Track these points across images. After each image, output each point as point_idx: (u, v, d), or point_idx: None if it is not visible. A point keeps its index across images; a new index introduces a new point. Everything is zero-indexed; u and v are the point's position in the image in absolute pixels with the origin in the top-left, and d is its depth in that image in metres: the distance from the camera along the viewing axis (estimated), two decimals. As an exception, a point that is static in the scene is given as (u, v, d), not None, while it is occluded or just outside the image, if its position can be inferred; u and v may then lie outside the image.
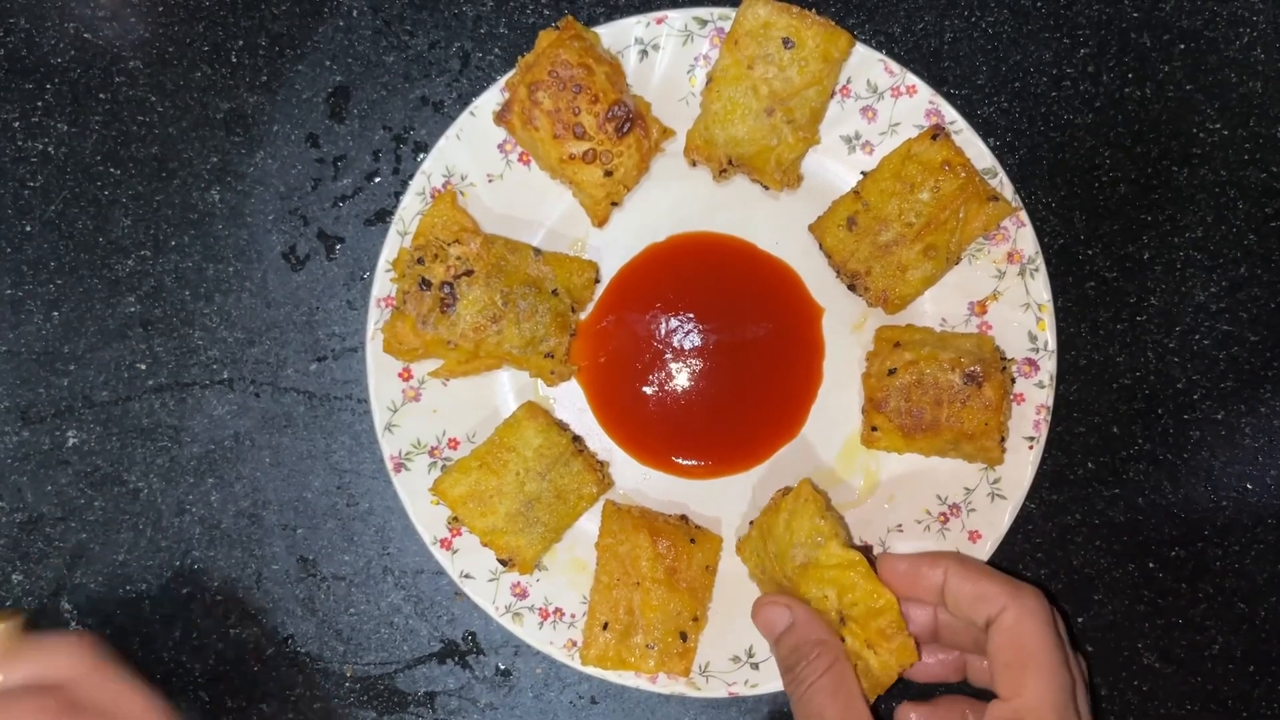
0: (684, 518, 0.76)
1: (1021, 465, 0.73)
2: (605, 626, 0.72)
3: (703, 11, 0.74)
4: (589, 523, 0.75)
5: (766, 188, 0.75)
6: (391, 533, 0.78)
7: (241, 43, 0.78)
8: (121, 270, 0.78)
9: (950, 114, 0.74)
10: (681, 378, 0.77)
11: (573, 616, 0.74)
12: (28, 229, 0.78)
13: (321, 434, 0.77)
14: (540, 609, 0.74)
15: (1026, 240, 0.73)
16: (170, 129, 0.78)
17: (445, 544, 0.73)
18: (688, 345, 0.77)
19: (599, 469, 0.75)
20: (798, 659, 0.60)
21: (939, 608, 0.64)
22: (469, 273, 0.71)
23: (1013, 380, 0.73)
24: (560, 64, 0.70)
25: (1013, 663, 0.56)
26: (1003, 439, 0.72)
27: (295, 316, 0.78)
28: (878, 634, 0.60)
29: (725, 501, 0.77)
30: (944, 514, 0.74)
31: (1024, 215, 0.73)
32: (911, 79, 0.74)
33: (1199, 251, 0.78)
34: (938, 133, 0.72)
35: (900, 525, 0.75)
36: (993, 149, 0.74)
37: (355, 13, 0.79)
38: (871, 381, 0.73)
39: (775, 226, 0.77)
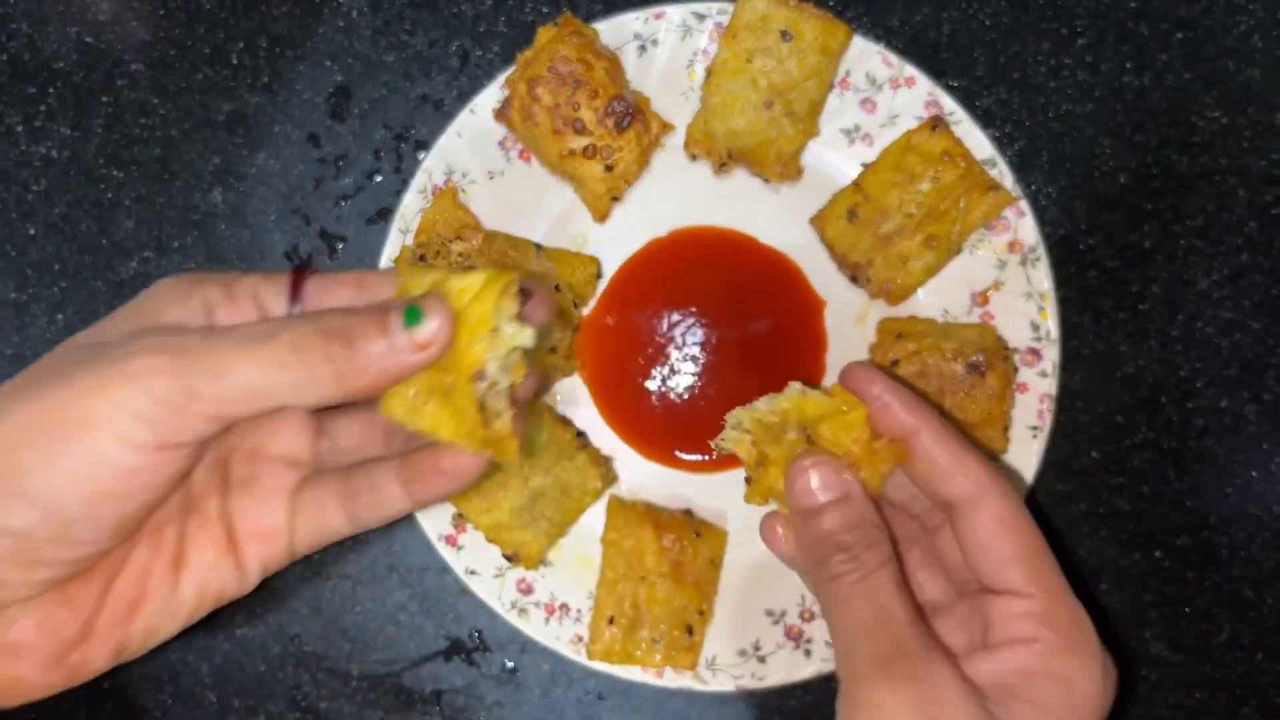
0: (689, 512, 0.76)
1: (1026, 454, 0.73)
2: (611, 621, 0.72)
3: (701, 6, 0.74)
4: (594, 518, 0.75)
5: (767, 181, 0.76)
6: (396, 531, 0.78)
7: (242, 44, 0.79)
8: (125, 272, 0.78)
9: (949, 105, 0.74)
10: (684, 372, 0.77)
11: (579, 612, 0.74)
12: (31, 232, 0.78)
13: (326, 433, 0.77)
14: (546, 604, 0.74)
15: (1027, 230, 0.73)
16: (172, 131, 0.78)
17: (450, 541, 0.73)
18: (690, 339, 0.77)
19: (603, 464, 0.75)
20: (856, 541, 0.48)
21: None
22: (471, 269, 0.71)
23: (1016, 370, 0.73)
24: (559, 60, 0.70)
25: (1020, 557, 0.47)
26: (1006, 428, 0.72)
27: (298, 316, 0.78)
28: (856, 445, 0.50)
29: (730, 496, 0.76)
30: (949, 505, 0.74)
31: (1024, 205, 0.73)
32: (910, 71, 0.74)
33: (1200, 239, 0.78)
34: (937, 124, 0.72)
35: (905, 516, 0.75)
36: (992, 139, 0.74)
37: (355, 13, 0.79)
38: (874, 373, 0.73)
39: (776, 220, 0.77)
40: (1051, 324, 0.73)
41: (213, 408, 0.39)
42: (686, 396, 0.77)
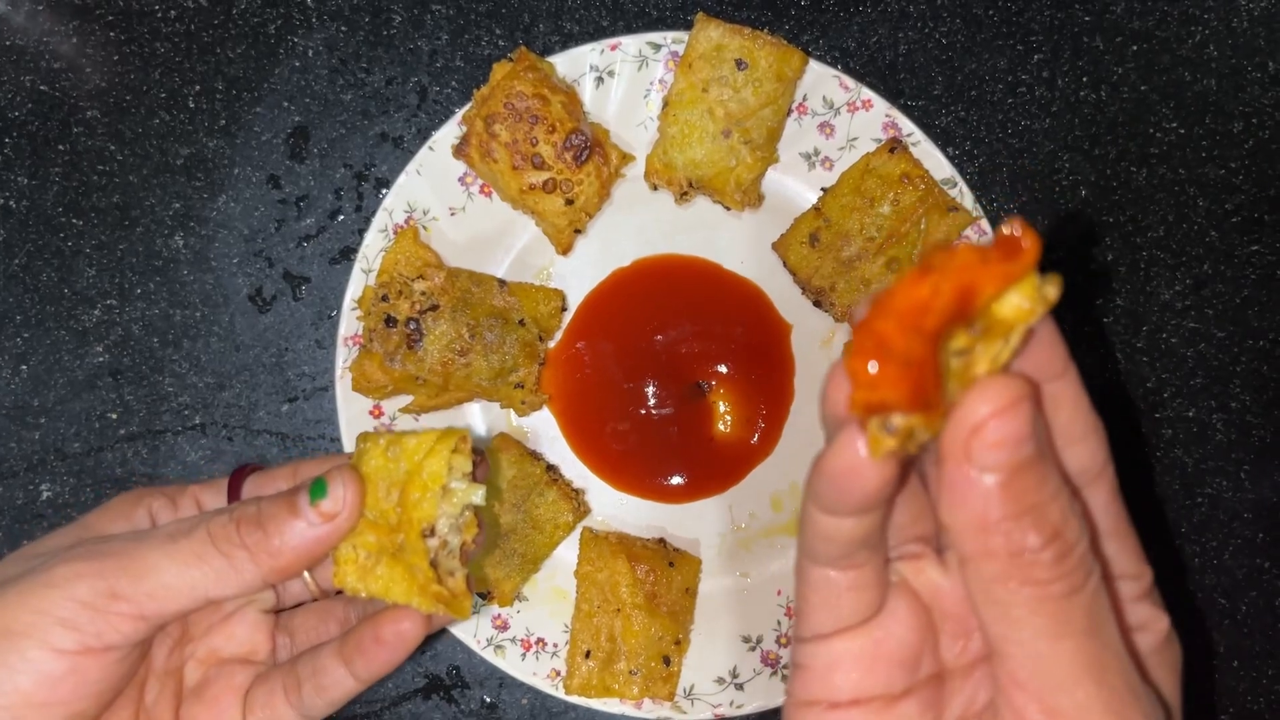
0: (662, 541, 0.76)
1: (995, 473, 0.73)
2: (588, 655, 0.72)
3: (656, 36, 0.74)
4: (567, 551, 0.75)
5: (728, 208, 0.76)
6: (371, 570, 0.77)
7: (198, 88, 0.78)
8: (88, 320, 0.78)
9: (907, 126, 0.74)
10: (653, 401, 0.77)
11: (555, 646, 0.74)
12: (-8, 284, 0.77)
13: (296, 475, 0.77)
14: (522, 640, 0.74)
15: (989, 248, 0.74)
16: (131, 177, 0.78)
17: (424, 580, 0.73)
18: (657, 369, 0.77)
19: (574, 497, 0.75)
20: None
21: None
22: (434, 307, 0.71)
23: (982, 388, 0.73)
24: (515, 95, 0.70)
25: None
26: (974, 448, 0.72)
27: (264, 358, 0.78)
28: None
29: (702, 523, 0.77)
30: (921, 525, 0.74)
31: (985, 224, 0.73)
32: (867, 93, 0.74)
33: (1162, 250, 0.78)
34: (895, 146, 0.72)
35: (878, 538, 0.75)
36: (951, 158, 0.74)
37: (311, 52, 0.79)
38: (842, 396, 0.73)
39: (739, 246, 0.77)
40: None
41: (136, 607, 0.41)
42: (655, 425, 0.77)
